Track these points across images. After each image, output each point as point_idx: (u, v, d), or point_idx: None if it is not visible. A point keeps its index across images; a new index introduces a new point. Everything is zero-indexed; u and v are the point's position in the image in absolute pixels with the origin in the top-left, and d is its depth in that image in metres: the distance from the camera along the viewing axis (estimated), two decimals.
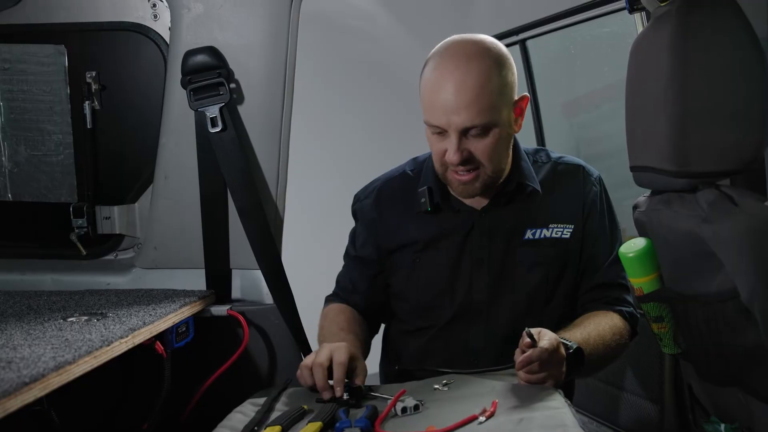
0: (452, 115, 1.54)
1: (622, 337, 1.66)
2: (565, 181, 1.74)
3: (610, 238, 1.75)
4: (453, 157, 1.57)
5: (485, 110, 1.54)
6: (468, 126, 1.54)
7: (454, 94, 1.52)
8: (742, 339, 1.26)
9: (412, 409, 1.39)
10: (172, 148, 1.99)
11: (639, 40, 1.44)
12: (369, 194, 1.84)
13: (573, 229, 1.70)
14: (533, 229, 1.69)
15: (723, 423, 1.44)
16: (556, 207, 1.71)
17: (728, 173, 1.30)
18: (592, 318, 1.65)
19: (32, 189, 2.12)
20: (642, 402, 2.16)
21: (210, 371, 1.88)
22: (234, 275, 2.03)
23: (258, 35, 1.93)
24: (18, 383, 1.09)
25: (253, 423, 1.41)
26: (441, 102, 1.54)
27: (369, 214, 1.82)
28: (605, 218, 1.75)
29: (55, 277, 2.11)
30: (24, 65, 2.07)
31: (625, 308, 1.71)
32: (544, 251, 1.69)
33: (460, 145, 1.56)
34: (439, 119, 1.56)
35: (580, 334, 1.55)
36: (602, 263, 1.72)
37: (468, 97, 1.52)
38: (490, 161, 1.60)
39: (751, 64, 1.27)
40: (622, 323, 1.68)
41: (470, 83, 1.52)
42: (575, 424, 1.26)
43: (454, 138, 1.56)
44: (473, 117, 1.53)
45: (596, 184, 1.76)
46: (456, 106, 1.52)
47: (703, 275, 1.30)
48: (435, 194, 1.72)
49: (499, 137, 1.58)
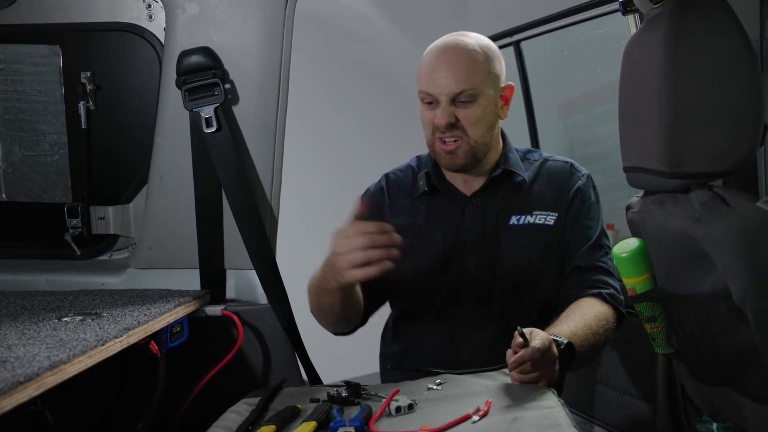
0: (444, 81, 1.71)
1: (609, 323, 1.68)
2: (553, 175, 1.85)
3: (593, 224, 1.81)
4: (441, 120, 1.71)
5: (472, 80, 1.71)
6: (457, 91, 1.70)
7: (449, 63, 1.71)
8: (735, 339, 1.27)
9: (406, 408, 1.39)
10: (166, 148, 1.99)
11: (632, 41, 1.45)
12: (378, 183, 1.94)
13: (557, 217, 1.79)
14: (518, 215, 1.79)
15: (715, 422, 1.45)
16: (541, 196, 1.81)
17: (721, 174, 1.31)
18: (576, 309, 1.67)
19: (27, 189, 2.12)
20: (634, 402, 2.17)
21: (204, 371, 1.88)
22: (228, 275, 2.04)
23: (253, 36, 1.94)
24: (13, 382, 1.09)
25: (248, 422, 1.41)
26: (436, 73, 1.71)
27: (377, 198, 1.89)
28: (590, 206, 1.82)
29: (50, 278, 2.11)
30: (19, 65, 2.07)
31: (605, 290, 1.74)
32: (529, 235, 1.77)
33: (447, 110, 1.71)
34: (432, 87, 1.72)
35: (568, 327, 1.56)
36: (583, 247, 1.78)
37: (459, 69, 1.71)
38: (473, 129, 1.73)
39: (743, 65, 1.28)
40: (606, 308, 1.71)
41: (462, 60, 1.72)
42: (569, 423, 1.27)
43: (444, 102, 1.71)
44: (462, 83, 1.70)
45: (583, 177, 1.84)
46: (449, 73, 1.70)
47: (695, 275, 1.31)
48: (432, 177, 1.83)
49: (484, 109, 1.73)
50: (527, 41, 3.00)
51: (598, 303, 1.71)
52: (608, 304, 1.72)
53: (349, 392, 1.48)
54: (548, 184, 1.82)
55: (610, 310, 1.72)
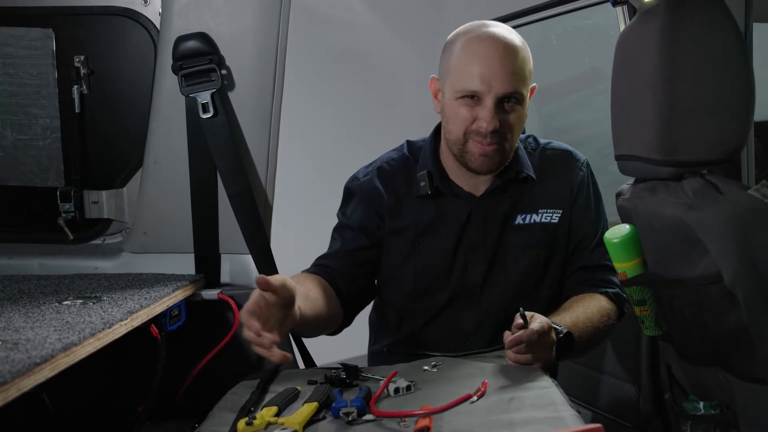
0: (495, 81, 1.59)
1: (610, 319, 1.70)
2: (554, 167, 1.80)
3: (596, 221, 1.80)
4: (488, 125, 1.61)
5: (524, 81, 1.62)
6: (509, 92, 1.60)
7: (500, 61, 1.59)
8: (725, 321, 1.31)
9: (404, 389, 1.42)
10: (162, 133, 1.99)
11: (626, 32, 1.48)
12: (369, 173, 1.84)
13: (561, 213, 1.76)
14: (523, 215, 1.75)
15: (702, 401, 1.50)
16: (546, 193, 1.77)
17: (713, 162, 1.35)
18: (580, 301, 1.69)
19: (19, 173, 2.11)
20: (620, 384, 2.22)
21: (201, 354, 1.89)
22: (223, 260, 2.04)
23: (249, 21, 1.94)
24: (29, 363, 1.10)
25: (249, 404, 1.43)
26: (483, 68, 1.59)
27: (372, 190, 1.81)
28: (591, 202, 1.81)
29: (42, 262, 2.10)
30: (10, 48, 2.05)
31: (611, 289, 1.75)
32: (534, 235, 1.75)
33: (494, 115, 1.61)
34: (478, 85, 1.60)
35: (570, 317, 1.59)
36: (588, 245, 1.78)
37: (512, 66, 1.60)
38: (513, 136, 1.66)
39: (736, 57, 1.32)
40: (609, 305, 1.72)
41: (514, 54, 1.61)
42: (564, 402, 1.30)
43: (491, 104, 1.60)
44: (516, 84, 1.60)
45: (583, 168, 1.82)
46: (500, 72, 1.59)
47: (687, 260, 1.35)
48: (435, 178, 1.75)
49: (523, 114, 1.67)
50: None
51: (604, 299, 1.72)
52: (613, 303, 1.74)
53: (347, 374, 1.50)
54: (552, 178, 1.78)
55: (614, 307, 1.73)
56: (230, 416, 1.39)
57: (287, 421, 1.29)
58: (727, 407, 1.44)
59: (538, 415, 1.26)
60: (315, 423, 1.32)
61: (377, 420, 1.30)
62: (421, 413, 1.28)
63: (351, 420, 1.30)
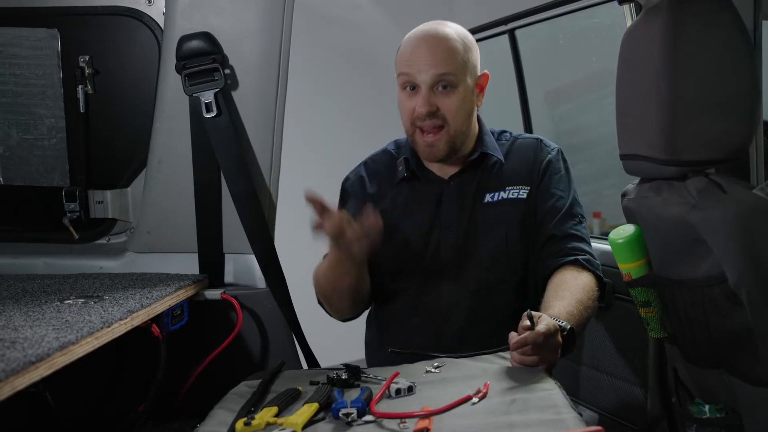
0: (424, 65, 1.73)
1: (594, 292, 1.71)
2: (524, 152, 1.88)
3: (566, 194, 1.83)
4: (422, 108, 1.73)
5: (452, 65, 1.73)
6: (438, 74, 1.72)
7: (429, 47, 1.74)
8: (730, 322, 1.30)
9: (406, 390, 1.41)
10: (166, 133, 2.00)
11: (630, 31, 1.47)
12: (356, 169, 1.96)
13: (529, 190, 1.82)
14: (492, 193, 1.83)
15: (707, 404, 1.48)
16: (513, 173, 1.85)
17: (717, 162, 1.33)
18: (563, 284, 1.68)
19: (24, 173, 2.12)
20: (626, 386, 2.20)
21: (204, 354, 1.89)
22: (227, 260, 2.05)
23: (253, 21, 1.94)
24: (24, 362, 1.10)
25: (250, 404, 1.43)
26: (415, 56, 1.74)
27: (358, 182, 1.92)
28: (560, 177, 1.85)
29: (48, 261, 2.11)
30: (16, 49, 2.06)
31: (581, 256, 1.76)
32: (503, 210, 1.81)
33: (428, 98, 1.73)
34: (412, 68, 1.74)
35: (564, 308, 1.58)
36: (557, 214, 1.80)
37: (438, 55, 1.73)
38: (453, 119, 1.76)
39: (741, 56, 1.31)
40: (587, 277, 1.73)
41: (441, 45, 1.74)
42: (566, 404, 1.29)
43: (424, 90, 1.73)
44: (442, 67, 1.72)
45: (552, 151, 1.88)
46: (428, 56, 1.73)
47: (691, 261, 1.34)
48: (411, 162, 1.87)
49: (463, 98, 1.76)
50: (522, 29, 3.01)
51: (579, 273, 1.73)
52: (587, 271, 1.74)
53: (349, 375, 1.50)
54: (519, 160, 1.86)
55: (591, 277, 1.74)
56: (230, 416, 1.39)
57: (287, 421, 1.29)
58: (732, 410, 1.42)
59: (539, 417, 1.25)
60: (314, 424, 1.31)
61: (377, 421, 1.29)
62: (421, 414, 1.28)
63: (350, 421, 1.29)
